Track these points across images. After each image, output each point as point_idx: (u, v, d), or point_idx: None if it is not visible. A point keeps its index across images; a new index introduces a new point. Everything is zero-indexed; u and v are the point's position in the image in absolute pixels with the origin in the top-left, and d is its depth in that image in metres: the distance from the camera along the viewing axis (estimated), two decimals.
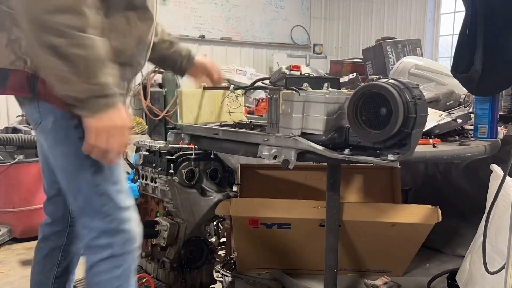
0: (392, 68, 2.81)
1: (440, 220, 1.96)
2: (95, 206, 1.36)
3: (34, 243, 2.95)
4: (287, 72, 1.50)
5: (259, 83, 1.82)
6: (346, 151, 1.30)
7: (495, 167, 1.72)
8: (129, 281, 1.40)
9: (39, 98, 1.31)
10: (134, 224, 1.41)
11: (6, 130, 3.69)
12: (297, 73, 1.52)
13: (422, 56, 3.20)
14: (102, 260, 1.37)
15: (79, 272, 2.68)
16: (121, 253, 1.38)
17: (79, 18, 1.16)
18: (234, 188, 2.22)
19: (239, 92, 1.88)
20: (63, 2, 1.14)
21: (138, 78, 6.60)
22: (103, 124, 1.22)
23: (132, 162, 2.29)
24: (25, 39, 1.24)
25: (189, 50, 1.88)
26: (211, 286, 2.21)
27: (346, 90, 1.44)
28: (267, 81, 1.77)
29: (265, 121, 1.48)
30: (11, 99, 1.66)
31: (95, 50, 1.19)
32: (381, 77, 1.29)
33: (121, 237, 1.37)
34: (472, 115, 1.85)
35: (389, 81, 1.20)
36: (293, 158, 1.33)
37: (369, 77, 1.33)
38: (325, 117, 1.33)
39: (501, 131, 1.88)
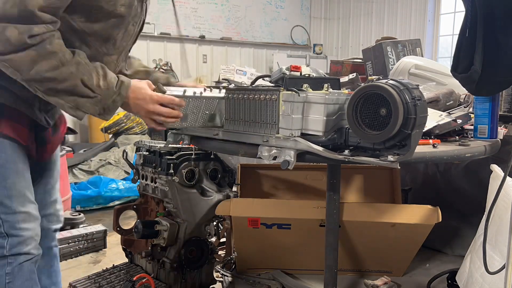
0: (392, 68, 2.81)
1: (440, 220, 1.96)
2: None
3: None
4: (287, 72, 1.49)
5: (260, 80, 1.82)
6: (346, 152, 1.30)
7: (495, 167, 1.72)
8: (22, 278, 1.51)
9: None
10: (26, 228, 1.50)
11: None
12: (297, 73, 1.51)
13: (422, 56, 3.19)
14: None
15: (79, 272, 2.68)
16: (11, 254, 1.47)
17: None
18: (234, 188, 2.22)
19: None
20: None
21: None
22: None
23: (132, 162, 2.29)
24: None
25: (167, 78, 1.89)
26: (211, 286, 2.21)
27: (346, 91, 1.44)
28: (267, 79, 1.78)
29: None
30: None
31: None
32: (381, 77, 1.29)
33: (11, 239, 1.47)
34: (472, 115, 1.85)
35: (388, 81, 1.20)
36: (293, 159, 1.33)
37: (369, 77, 1.33)
38: (324, 118, 1.33)
39: (501, 131, 1.88)
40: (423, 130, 1.29)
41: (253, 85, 1.65)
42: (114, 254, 2.93)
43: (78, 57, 1.35)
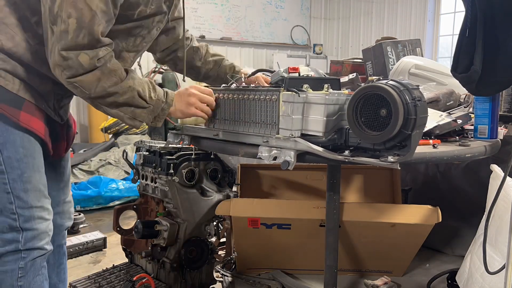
0: (392, 68, 2.81)
1: (440, 220, 1.96)
2: (1, 202, 1.48)
3: None
4: (285, 75, 1.49)
5: (260, 73, 1.83)
6: (346, 152, 1.30)
7: (495, 167, 1.72)
8: (34, 273, 1.54)
9: None
10: (41, 223, 1.54)
11: None
12: (296, 74, 1.51)
13: (422, 56, 3.19)
14: (9, 252, 1.49)
15: (79, 272, 2.68)
16: (26, 248, 1.50)
17: None
18: (234, 188, 2.22)
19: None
20: None
21: None
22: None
23: (132, 162, 2.29)
24: None
25: (233, 67, 2.04)
26: (211, 286, 2.21)
27: (346, 91, 1.44)
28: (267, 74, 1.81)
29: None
30: None
31: None
32: (381, 78, 1.29)
33: (26, 233, 1.50)
34: (472, 115, 1.85)
35: (389, 82, 1.20)
36: (293, 159, 1.33)
37: (369, 77, 1.33)
38: (325, 118, 1.33)
39: (501, 131, 1.88)
40: (423, 131, 1.29)
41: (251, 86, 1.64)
42: (114, 254, 2.93)
43: (131, 73, 1.50)
